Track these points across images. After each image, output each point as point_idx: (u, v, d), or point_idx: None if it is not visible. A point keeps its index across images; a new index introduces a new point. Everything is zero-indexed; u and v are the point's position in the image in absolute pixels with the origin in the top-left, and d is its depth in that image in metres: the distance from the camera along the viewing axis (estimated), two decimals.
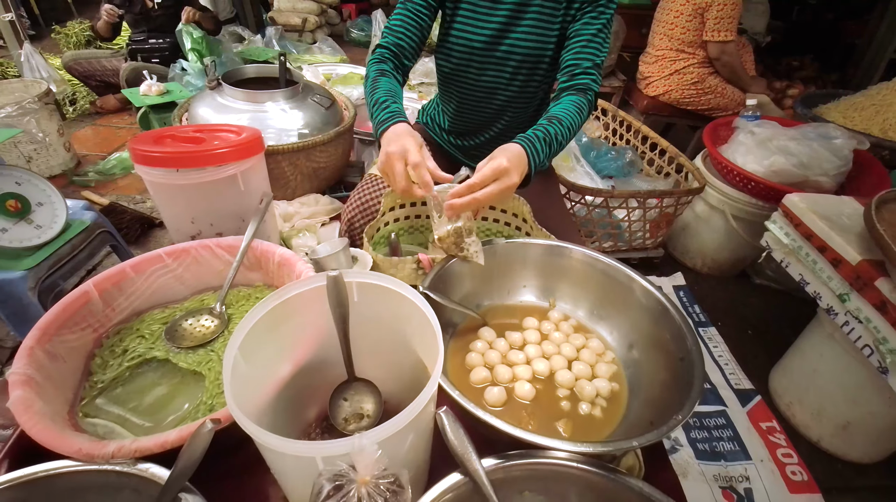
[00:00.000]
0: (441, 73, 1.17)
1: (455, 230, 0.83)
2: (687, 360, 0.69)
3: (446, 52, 1.10)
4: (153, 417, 0.69)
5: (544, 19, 1.02)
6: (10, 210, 1.21)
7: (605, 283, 0.87)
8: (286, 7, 4.26)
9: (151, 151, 0.83)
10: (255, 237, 0.88)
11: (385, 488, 0.38)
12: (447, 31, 1.09)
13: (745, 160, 1.81)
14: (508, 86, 1.10)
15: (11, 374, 0.63)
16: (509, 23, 1.03)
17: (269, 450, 0.45)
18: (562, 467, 0.57)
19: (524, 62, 1.06)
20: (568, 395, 0.76)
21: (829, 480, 1.38)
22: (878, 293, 1.11)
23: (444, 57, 1.12)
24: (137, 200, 2.22)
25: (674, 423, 0.58)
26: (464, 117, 1.21)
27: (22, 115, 2.10)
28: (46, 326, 0.70)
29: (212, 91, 1.18)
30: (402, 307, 0.61)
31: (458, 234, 0.84)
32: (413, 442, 0.54)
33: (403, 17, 1.03)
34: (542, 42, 1.04)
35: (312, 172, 1.21)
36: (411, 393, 0.71)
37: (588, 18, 0.99)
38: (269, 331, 0.59)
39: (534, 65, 1.07)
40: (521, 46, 1.04)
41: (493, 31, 1.04)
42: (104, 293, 0.78)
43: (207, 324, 0.83)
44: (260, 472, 0.69)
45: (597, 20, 0.99)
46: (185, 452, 0.52)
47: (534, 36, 1.03)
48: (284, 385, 0.66)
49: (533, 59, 1.06)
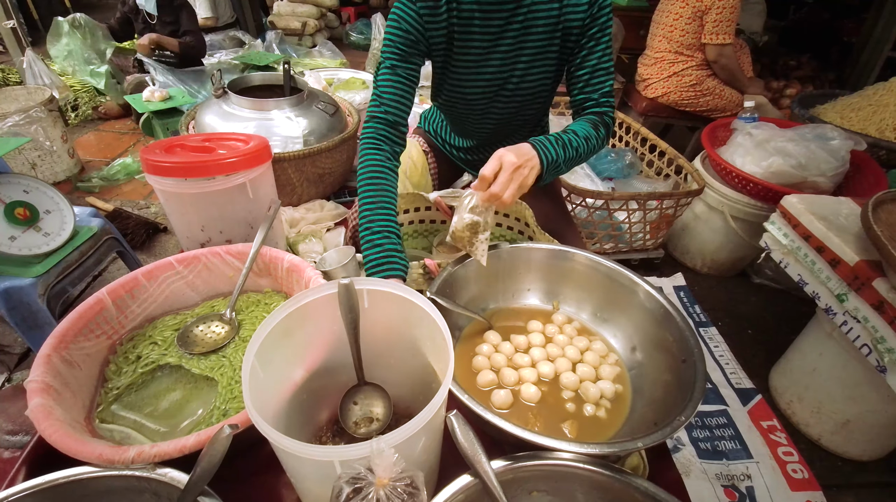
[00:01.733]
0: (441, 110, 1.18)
1: (473, 223, 0.84)
2: (689, 362, 0.70)
3: (445, 101, 1.10)
4: (168, 422, 0.71)
5: (540, 57, 1.00)
6: (18, 218, 1.22)
7: (608, 286, 0.89)
8: (286, 11, 4.28)
9: (162, 161, 0.85)
10: (263, 243, 0.90)
11: (402, 490, 0.40)
12: (441, 84, 1.06)
13: (743, 161, 1.83)
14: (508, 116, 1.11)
15: (30, 382, 0.65)
16: (506, 68, 1.00)
17: (288, 454, 0.46)
18: (568, 468, 0.59)
19: (525, 98, 1.06)
20: (573, 397, 0.78)
21: (830, 477, 1.39)
22: (876, 293, 1.13)
23: (444, 104, 1.12)
24: (141, 206, 2.24)
25: (677, 424, 0.59)
26: (464, 134, 1.24)
27: (29, 124, 2.12)
28: (63, 334, 0.71)
29: (218, 99, 1.20)
30: (411, 313, 0.63)
31: (475, 230, 0.85)
32: (425, 444, 0.56)
33: (394, 86, 0.94)
34: (542, 78, 1.03)
35: (318, 178, 1.22)
36: (420, 396, 0.73)
37: (587, 49, 0.97)
38: (283, 337, 0.60)
39: (533, 98, 1.07)
40: (522, 88, 1.03)
41: (491, 79, 1.02)
42: (118, 300, 0.80)
43: (218, 331, 0.84)
44: (273, 474, 0.71)
45: (596, 48, 0.97)
46: (205, 456, 0.53)
47: (532, 75, 1.02)
48: (297, 389, 0.67)
49: (533, 94, 1.06)
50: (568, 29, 0.96)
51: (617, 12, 3.14)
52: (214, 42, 3.63)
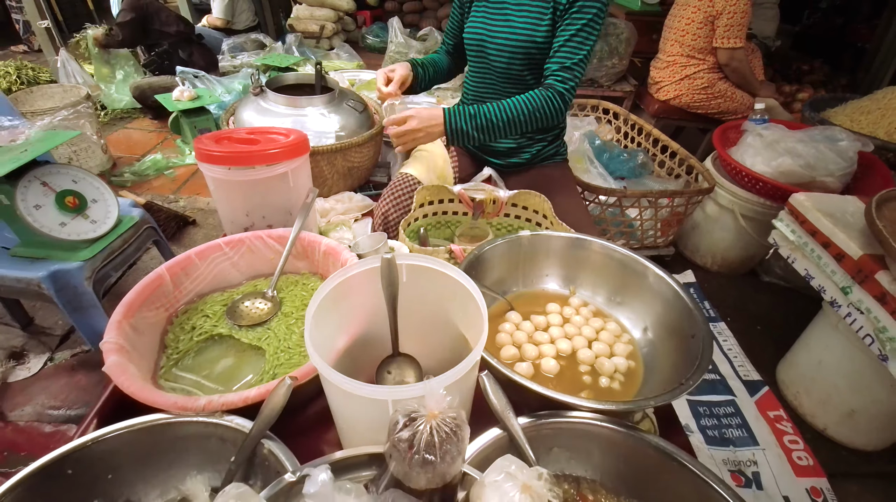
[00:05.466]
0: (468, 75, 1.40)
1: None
2: (697, 337, 0.77)
3: (465, 42, 1.31)
4: (224, 384, 0.78)
5: (534, 17, 1.17)
6: (68, 206, 1.31)
7: (621, 272, 0.95)
8: (304, 14, 4.39)
9: (214, 151, 0.93)
10: (301, 229, 0.97)
11: (449, 421, 0.46)
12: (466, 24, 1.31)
13: (753, 161, 1.88)
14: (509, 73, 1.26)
15: (105, 343, 0.73)
16: (507, 19, 1.21)
17: (345, 395, 0.53)
18: (586, 425, 0.66)
19: (516, 54, 1.21)
20: (589, 371, 0.84)
21: (835, 466, 1.44)
22: (878, 285, 1.18)
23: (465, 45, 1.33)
24: (171, 200, 2.34)
25: (685, 387, 0.66)
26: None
27: (77, 118, 2.23)
28: (130, 303, 0.79)
29: (255, 97, 1.29)
30: (446, 285, 0.70)
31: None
32: (459, 401, 0.62)
33: (451, 20, 1.37)
34: (533, 34, 1.18)
35: (347, 171, 1.30)
36: (448, 367, 0.80)
37: (571, 19, 1.12)
38: (332, 305, 0.68)
39: (525, 56, 1.21)
40: (515, 39, 1.20)
41: (493, 27, 1.22)
42: (174, 277, 0.88)
43: (262, 307, 0.92)
44: (315, 434, 0.78)
45: (578, 19, 1.11)
46: (268, 404, 0.61)
47: (527, 30, 1.18)
48: (340, 355, 0.75)
49: (523, 50, 1.20)
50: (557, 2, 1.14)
51: (630, 17, 3.20)
52: (237, 44, 3.75)
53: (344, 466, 0.57)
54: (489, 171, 1.29)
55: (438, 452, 0.45)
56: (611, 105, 2.45)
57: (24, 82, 3.02)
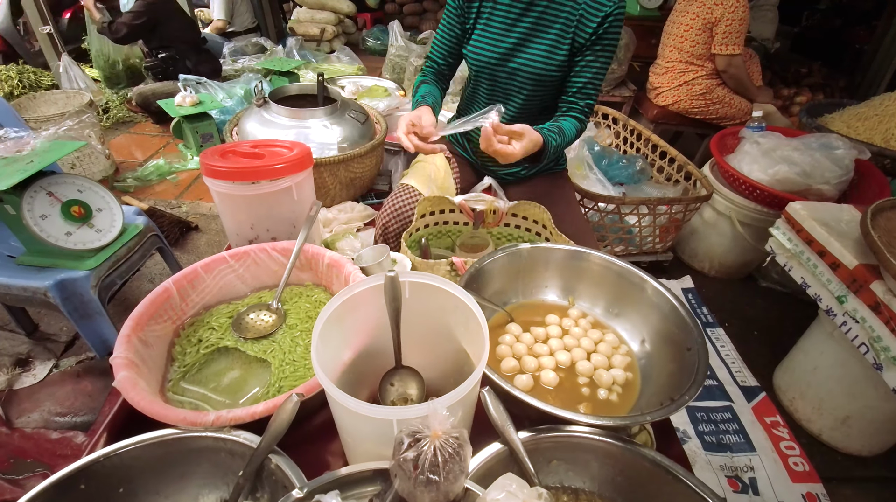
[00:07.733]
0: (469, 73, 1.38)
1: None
2: (693, 350, 0.78)
3: (468, 59, 1.28)
4: (231, 397, 0.80)
5: (551, 47, 1.18)
6: (74, 215, 1.33)
7: (619, 284, 0.97)
8: (305, 17, 4.41)
9: (220, 166, 0.95)
10: (305, 241, 0.99)
11: (452, 440, 0.48)
12: (468, 43, 1.27)
13: (750, 169, 1.90)
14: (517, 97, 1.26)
15: (115, 358, 0.75)
16: (520, 45, 1.19)
17: (350, 414, 0.55)
18: (585, 439, 0.68)
19: (529, 79, 1.22)
20: (587, 383, 0.86)
21: (830, 471, 1.46)
22: (873, 295, 1.20)
23: (468, 62, 1.30)
24: (174, 205, 2.36)
25: (682, 402, 0.68)
26: None
27: (82, 128, 2.25)
28: (139, 317, 0.81)
29: (259, 108, 1.30)
30: (447, 302, 0.72)
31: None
32: (462, 416, 0.64)
33: (440, 33, 1.27)
34: (547, 64, 1.19)
35: (349, 182, 1.32)
36: (450, 379, 0.82)
37: (587, 62, 1.17)
38: (337, 321, 0.69)
39: (537, 82, 1.22)
40: (530, 66, 1.20)
41: (504, 51, 1.20)
42: (181, 289, 0.90)
43: (266, 319, 0.94)
44: (321, 443, 0.80)
45: (594, 63, 1.17)
46: (275, 419, 0.63)
47: (541, 59, 1.19)
48: (345, 369, 0.77)
49: (537, 77, 1.21)
50: (579, 33, 1.15)
51: (629, 22, 3.21)
52: (238, 48, 3.76)
53: (349, 481, 0.59)
54: (489, 181, 1.31)
55: (442, 472, 0.47)
56: (610, 110, 2.47)
57: (26, 86, 3.04)
